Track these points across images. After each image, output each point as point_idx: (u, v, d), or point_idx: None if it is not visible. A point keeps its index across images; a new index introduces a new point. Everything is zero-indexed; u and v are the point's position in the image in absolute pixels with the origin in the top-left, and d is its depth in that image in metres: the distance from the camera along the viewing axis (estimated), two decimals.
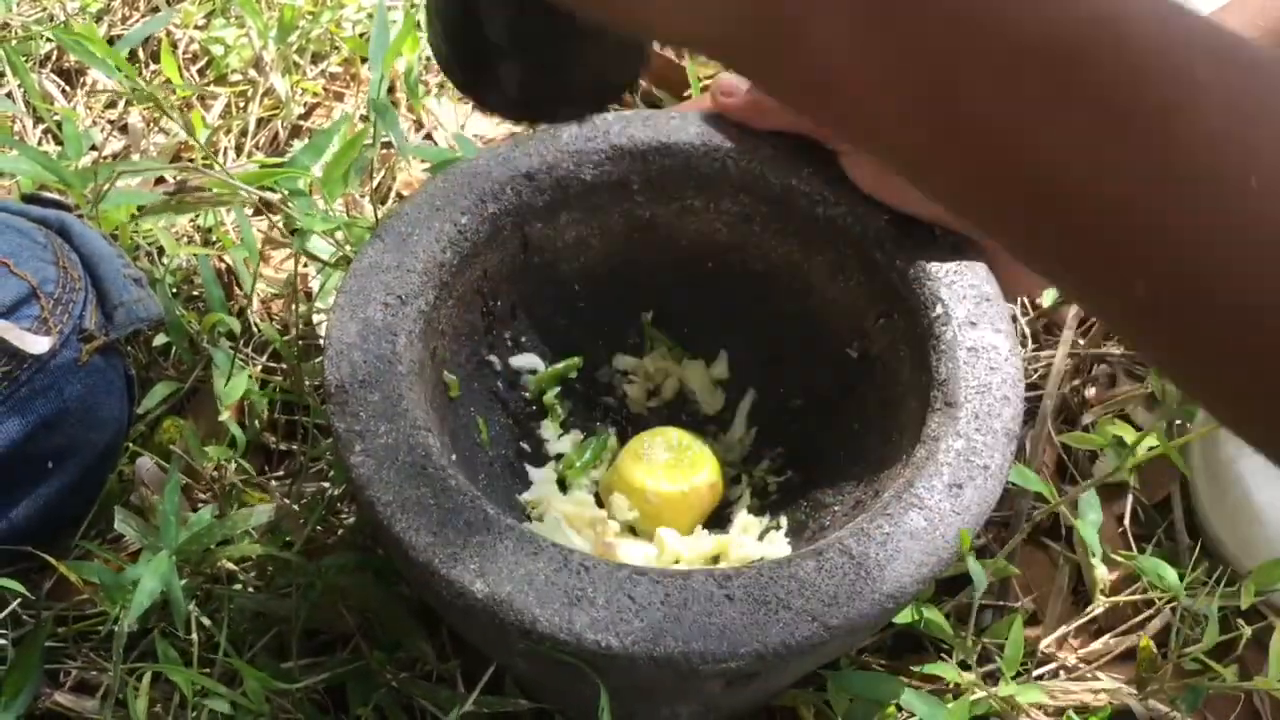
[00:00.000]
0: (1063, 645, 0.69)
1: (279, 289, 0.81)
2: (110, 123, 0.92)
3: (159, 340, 0.76)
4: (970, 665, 0.66)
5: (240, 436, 0.70)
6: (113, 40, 0.93)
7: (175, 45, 0.95)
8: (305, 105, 0.94)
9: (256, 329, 0.77)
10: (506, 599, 0.47)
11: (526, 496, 0.66)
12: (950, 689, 0.64)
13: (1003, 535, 0.72)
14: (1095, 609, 0.70)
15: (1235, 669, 0.65)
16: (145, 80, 0.93)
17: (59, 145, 0.86)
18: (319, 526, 0.67)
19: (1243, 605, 0.64)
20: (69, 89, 0.95)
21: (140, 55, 0.96)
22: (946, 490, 0.53)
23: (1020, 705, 0.64)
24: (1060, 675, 0.68)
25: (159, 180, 0.86)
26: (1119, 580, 0.71)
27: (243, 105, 0.92)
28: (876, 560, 0.50)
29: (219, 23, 0.96)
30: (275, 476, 0.72)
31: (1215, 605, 0.65)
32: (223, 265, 0.81)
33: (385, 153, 0.87)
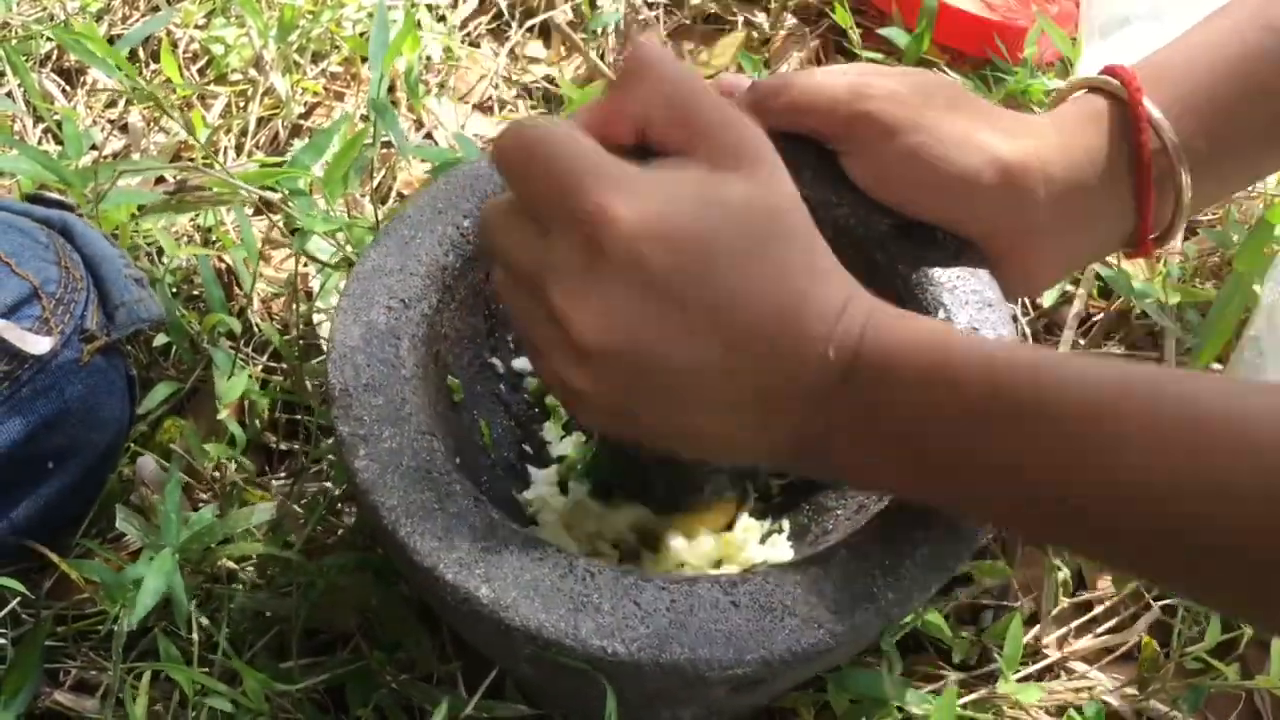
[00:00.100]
0: (1063, 644, 0.70)
1: (279, 289, 0.81)
2: (110, 122, 0.92)
3: (159, 340, 0.76)
4: (970, 665, 0.66)
5: (240, 434, 0.70)
6: (113, 40, 0.93)
7: (175, 44, 0.95)
8: (305, 105, 0.94)
9: (257, 329, 0.77)
10: (512, 604, 0.47)
11: (527, 495, 0.66)
12: (950, 689, 0.65)
13: (1003, 535, 0.72)
14: (1096, 609, 0.70)
15: (1237, 668, 0.65)
16: (145, 80, 0.92)
17: (59, 145, 0.85)
18: (320, 526, 0.67)
19: None
20: (69, 88, 0.95)
21: (140, 55, 0.96)
22: None
23: (1020, 704, 0.64)
24: (1060, 675, 0.68)
25: (159, 180, 0.86)
26: (1119, 579, 0.71)
27: (243, 105, 0.92)
28: (881, 566, 0.50)
29: (219, 22, 0.96)
30: (276, 476, 0.72)
31: None
32: (223, 265, 0.81)
33: (386, 152, 0.87)
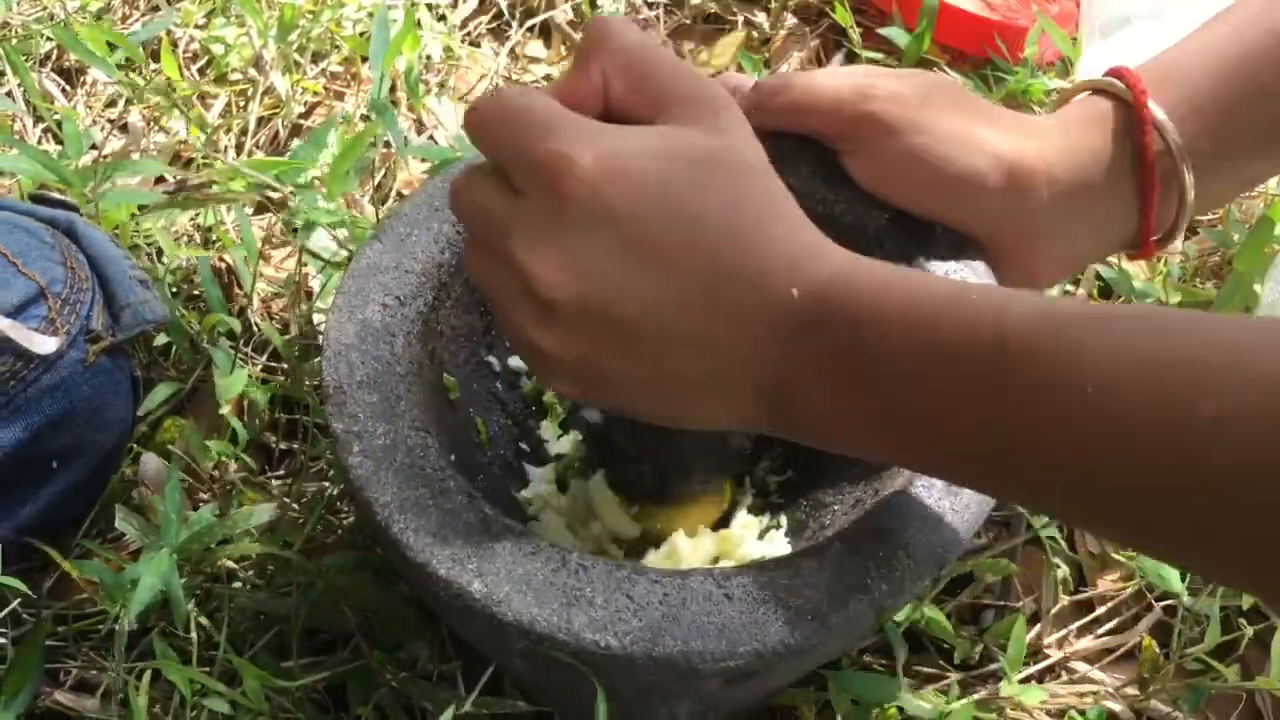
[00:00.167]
0: (1063, 645, 0.69)
1: (279, 288, 0.81)
2: (110, 122, 0.92)
3: (159, 340, 0.76)
4: (971, 665, 0.66)
5: (241, 430, 0.70)
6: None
7: (175, 44, 0.95)
8: (306, 104, 0.94)
9: (257, 329, 0.77)
10: (505, 599, 0.47)
11: (525, 494, 0.66)
12: (951, 689, 0.64)
13: (1004, 535, 0.72)
14: (1097, 609, 0.70)
15: (1237, 669, 0.65)
16: (145, 79, 0.93)
17: (59, 144, 0.86)
18: (319, 526, 0.67)
19: (1244, 605, 0.65)
20: (69, 88, 0.95)
21: (140, 54, 0.96)
22: (946, 490, 0.53)
23: (1022, 705, 0.64)
24: (1061, 675, 0.68)
25: (159, 180, 0.86)
26: (1120, 580, 0.71)
27: (243, 104, 0.92)
28: (876, 560, 0.50)
29: (219, 21, 0.96)
30: (276, 476, 0.72)
31: (1217, 605, 0.65)
32: (222, 265, 0.81)
33: (385, 152, 0.87)
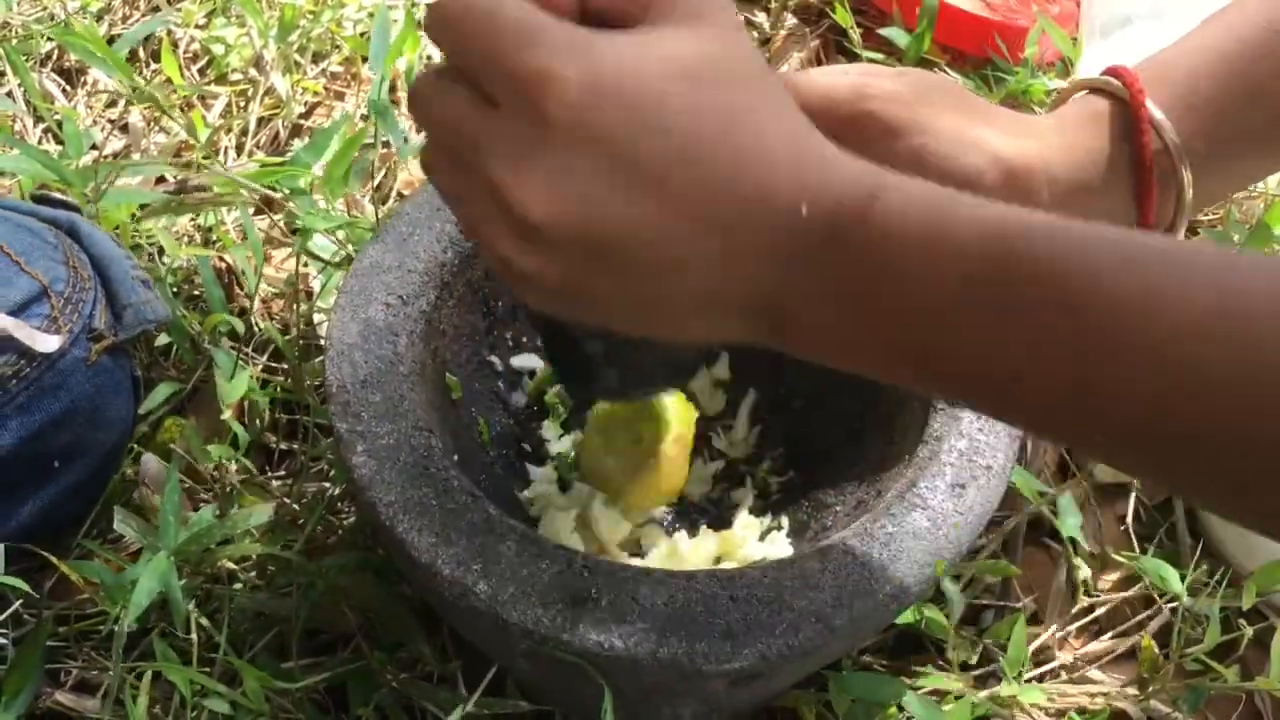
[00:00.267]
0: (1063, 645, 0.69)
1: (280, 289, 0.81)
2: (111, 122, 0.92)
3: (160, 340, 0.76)
4: (971, 666, 0.66)
5: (243, 435, 0.70)
6: (113, 40, 0.93)
7: (176, 44, 0.95)
8: (306, 104, 0.94)
9: (258, 329, 0.77)
10: (509, 600, 0.47)
11: (527, 494, 0.66)
12: (951, 690, 0.64)
13: (1004, 535, 0.72)
14: (1096, 610, 0.70)
15: (1237, 669, 0.65)
16: (145, 79, 0.92)
17: (59, 145, 0.85)
18: (320, 526, 0.67)
19: (1244, 606, 0.64)
20: (69, 88, 0.95)
21: (141, 55, 0.96)
22: (949, 490, 0.53)
23: (1021, 705, 0.64)
24: (1061, 675, 0.68)
25: (159, 180, 0.86)
26: (1120, 580, 0.71)
27: (243, 104, 0.92)
28: (879, 560, 0.50)
29: (219, 22, 0.96)
30: (276, 476, 0.72)
31: (1217, 606, 0.65)
32: (223, 265, 0.81)
33: (386, 152, 0.87)
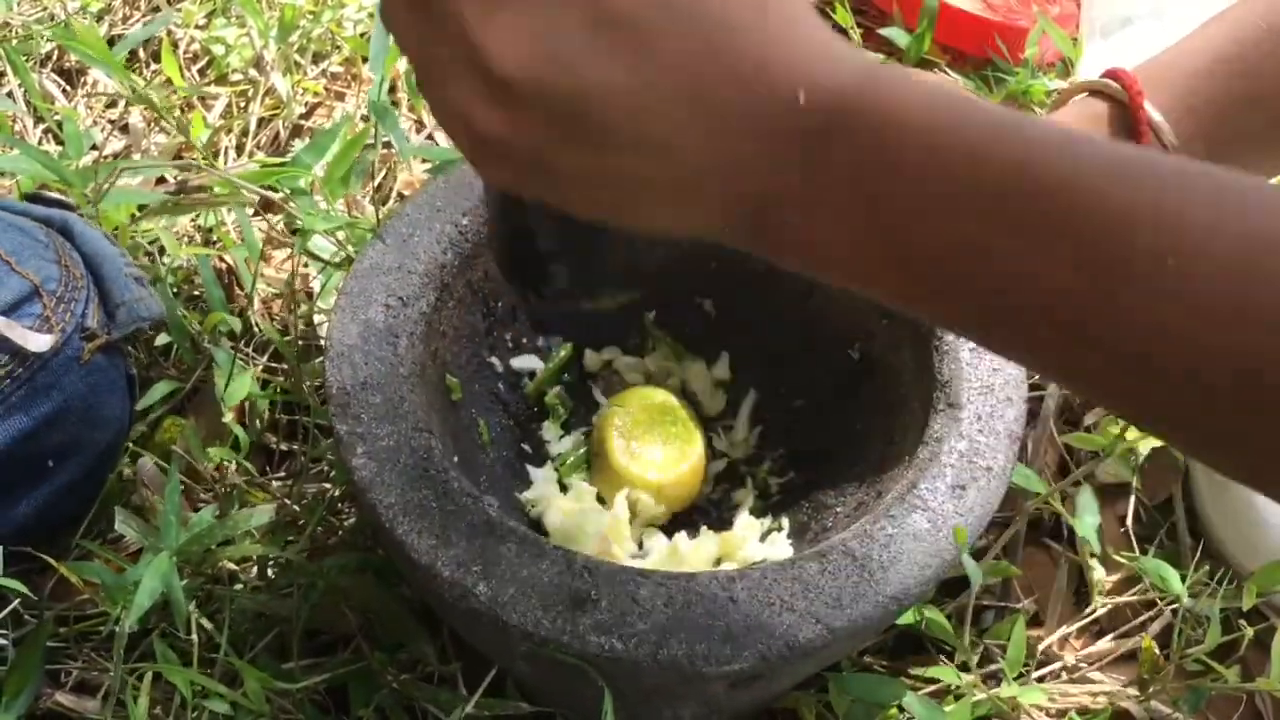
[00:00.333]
0: (1064, 646, 0.69)
1: (280, 289, 0.81)
2: (111, 122, 0.92)
3: (160, 340, 0.76)
4: (971, 666, 0.66)
5: (244, 437, 0.70)
6: (113, 40, 0.93)
7: (176, 45, 0.95)
8: (306, 105, 0.94)
9: (257, 329, 0.77)
10: (510, 602, 0.47)
11: (527, 495, 0.66)
12: (952, 690, 0.64)
13: (1005, 535, 0.72)
14: (1097, 610, 0.70)
15: (1237, 670, 0.65)
16: (145, 80, 0.92)
17: (60, 145, 0.85)
18: (320, 527, 0.67)
19: (1244, 606, 0.64)
20: (70, 89, 0.95)
21: (141, 55, 0.96)
22: (950, 491, 0.53)
23: (1022, 706, 0.64)
24: (1062, 676, 0.68)
25: (159, 180, 0.86)
26: (1121, 581, 0.71)
27: (244, 105, 0.92)
28: (880, 562, 0.50)
29: (220, 22, 0.96)
30: (276, 477, 0.72)
31: (1217, 606, 0.65)
32: (223, 265, 0.81)
33: (386, 153, 0.87)
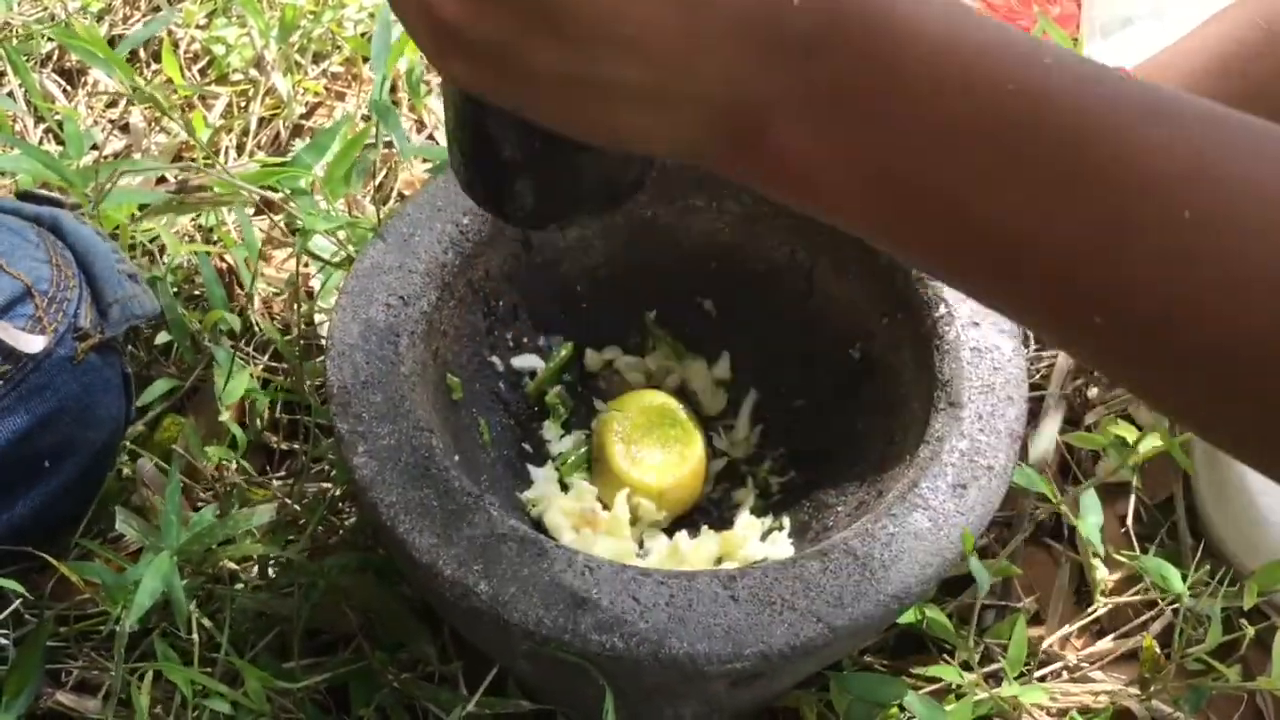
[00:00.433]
0: (1065, 645, 0.69)
1: (280, 288, 0.81)
2: (111, 122, 0.92)
3: (160, 338, 0.76)
4: (972, 666, 0.66)
5: (241, 436, 0.70)
6: (114, 40, 0.93)
7: (176, 45, 0.95)
8: (307, 105, 0.94)
9: (257, 328, 0.77)
10: (511, 600, 0.47)
11: (527, 495, 0.66)
12: (953, 689, 0.64)
13: (1005, 535, 0.72)
14: (1098, 609, 0.70)
15: (1238, 669, 0.65)
16: (146, 80, 0.92)
17: (60, 145, 0.85)
18: (321, 526, 0.67)
19: (1245, 606, 0.64)
20: (70, 88, 0.95)
21: (141, 55, 0.96)
22: (951, 491, 0.53)
23: (1023, 705, 0.64)
24: (1063, 675, 0.68)
25: (160, 180, 0.86)
26: (1122, 580, 0.71)
27: (244, 105, 0.92)
28: (881, 561, 0.50)
29: (220, 22, 0.96)
30: (277, 476, 0.72)
31: (1218, 606, 0.65)
32: (224, 265, 0.81)
33: (387, 152, 0.87)
